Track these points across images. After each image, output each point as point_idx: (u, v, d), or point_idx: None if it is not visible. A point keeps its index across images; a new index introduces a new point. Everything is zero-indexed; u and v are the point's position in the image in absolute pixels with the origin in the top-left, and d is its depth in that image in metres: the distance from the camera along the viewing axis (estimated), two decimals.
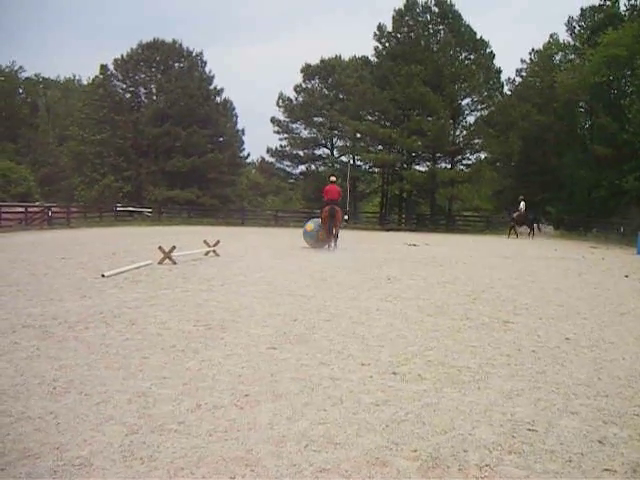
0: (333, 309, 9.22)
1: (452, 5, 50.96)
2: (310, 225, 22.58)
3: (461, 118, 52.31)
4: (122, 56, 57.06)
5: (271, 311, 8.86)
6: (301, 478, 3.54)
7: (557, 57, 51.41)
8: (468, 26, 51.07)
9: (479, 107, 51.70)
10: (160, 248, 15.03)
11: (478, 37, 51.00)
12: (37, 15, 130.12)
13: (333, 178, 24.51)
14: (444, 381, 5.60)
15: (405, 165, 52.61)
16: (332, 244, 21.81)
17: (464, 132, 52.06)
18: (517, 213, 37.45)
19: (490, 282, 13.41)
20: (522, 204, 37.42)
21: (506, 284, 13.15)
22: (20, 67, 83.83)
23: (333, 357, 6.33)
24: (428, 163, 52.75)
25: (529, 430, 4.41)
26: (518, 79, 54.65)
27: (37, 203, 45.47)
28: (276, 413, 4.59)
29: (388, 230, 43.19)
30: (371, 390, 5.25)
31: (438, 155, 52.00)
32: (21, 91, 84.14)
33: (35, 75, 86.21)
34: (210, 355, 6.27)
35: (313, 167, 58.97)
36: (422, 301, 10.25)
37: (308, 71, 58.63)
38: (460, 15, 51.09)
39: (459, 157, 52.73)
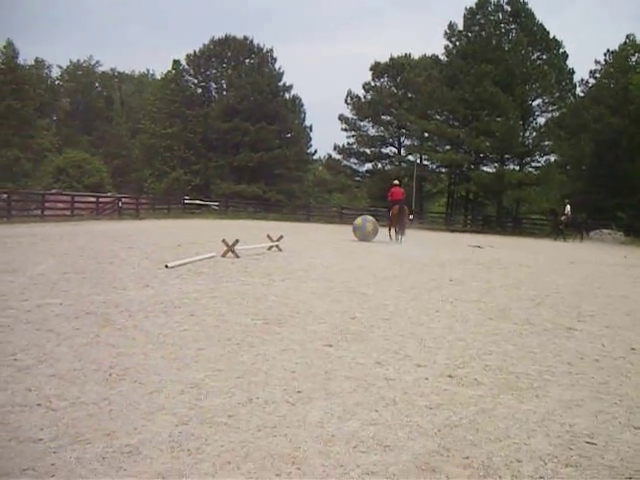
0: (392, 308, 9.12)
1: (525, 3, 50.06)
2: (359, 220, 24.81)
3: (531, 119, 51.40)
4: (194, 52, 58.02)
5: (330, 308, 8.82)
6: (348, 479, 3.49)
7: (633, 58, 49.78)
8: (541, 25, 50.08)
9: (550, 108, 50.69)
10: (224, 241, 15.16)
11: (551, 37, 49.96)
12: (114, 12, 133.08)
13: (396, 182, 26.49)
14: (501, 387, 5.46)
15: (472, 166, 51.96)
16: (399, 238, 24.50)
17: (534, 134, 51.12)
18: (564, 217, 37.19)
19: (555, 287, 13.07)
20: (568, 207, 37.18)
21: (571, 290, 12.80)
22: (97, 62, 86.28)
23: (389, 357, 6.25)
24: (496, 164, 51.93)
25: (588, 443, 4.24)
26: (592, 80, 53.15)
27: (109, 194, 46.51)
28: (327, 411, 4.54)
29: (453, 231, 42.64)
30: (425, 393, 5.15)
31: (506, 156, 51.16)
32: (97, 85, 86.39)
33: (111, 69, 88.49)
34: (265, 350, 6.26)
35: (380, 165, 58.69)
36: (484, 304, 10.05)
37: (377, 69, 58.38)
38: (533, 14, 50.15)
39: (528, 159, 51.73)
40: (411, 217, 30.79)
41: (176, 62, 57.58)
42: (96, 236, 20.15)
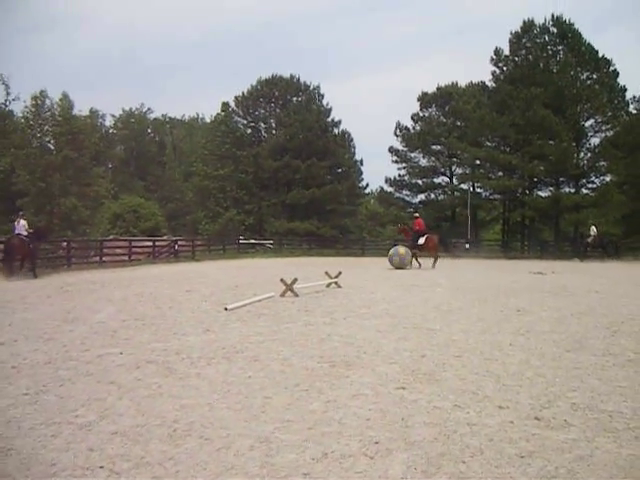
0: (462, 344, 8.71)
1: (571, 24, 49.57)
2: (391, 251, 27.51)
3: (584, 140, 50.53)
4: (242, 93, 58.78)
5: (397, 346, 8.46)
6: None
7: None
8: (589, 44, 49.44)
9: (603, 128, 49.79)
10: (282, 280, 14.95)
11: (600, 55, 49.17)
12: (163, 61, 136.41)
13: (417, 214, 30.75)
14: (595, 429, 5.00)
15: (527, 191, 51.26)
16: (434, 265, 27.33)
17: (588, 154, 50.25)
18: (591, 238, 38.07)
19: (628, 312, 12.44)
20: (593, 229, 38.48)
21: None
22: (148, 109, 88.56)
23: (467, 399, 5.85)
24: (551, 188, 51.15)
25: None
26: None
27: (164, 237, 46.99)
28: (409, 465, 4.17)
29: (511, 258, 41.74)
30: (513, 439, 4.73)
31: (561, 179, 50.37)
32: (149, 131, 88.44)
33: (162, 115, 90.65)
34: (335, 395, 5.93)
35: (432, 196, 58.29)
36: (557, 335, 9.54)
37: (425, 99, 58.26)
38: (580, 34, 49.62)
39: (583, 181, 50.79)
40: (467, 246, 33.45)
41: (225, 104, 58.36)
42: (154, 280, 20.17)
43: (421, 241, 27.79)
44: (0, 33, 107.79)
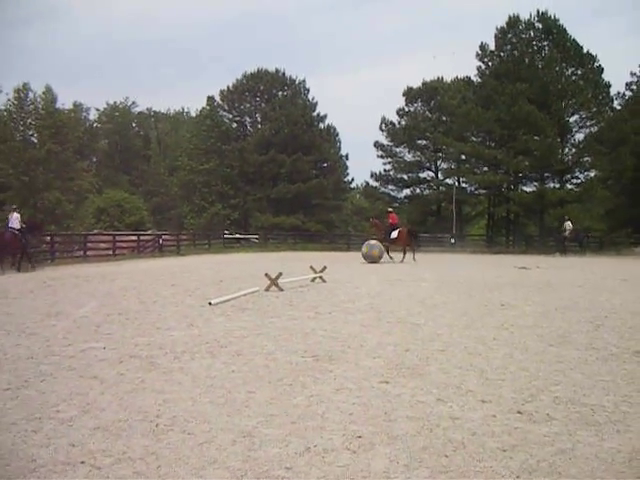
0: (447, 338, 8.73)
1: (556, 20, 49.67)
2: (365, 248, 27.49)
3: (569, 136, 50.73)
4: (228, 87, 58.50)
5: (381, 340, 8.46)
6: None
7: None
8: (574, 40, 49.53)
9: (588, 123, 49.93)
10: (267, 275, 14.93)
11: (585, 51, 49.36)
12: (149, 54, 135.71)
13: (390, 209, 31.80)
14: (577, 422, 5.02)
15: (512, 186, 51.37)
16: (413, 257, 28.06)
17: (573, 150, 50.46)
18: (567, 232, 38.56)
19: (612, 307, 12.51)
20: (568, 223, 38.96)
21: (630, 310, 12.19)
22: (133, 102, 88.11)
23: (451, 393, 5.86)
24: (536, 183, 51.26)
25: None
26: (628, 93, 52.25)
27: (149, 232, 46.84)
28: (392, 459, 4.16)
29: (496, 253, 41.85)
30: (496, 432, 4.74)
31: (546, 175, 50.53)
32: (134, 125, 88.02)
33: (147, 109, 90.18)
34: (319, 390, 5.92)
35: (418, 191, 58.35)
36: (541, 329, 9.59)
37: (410, 94, 58.25)
38: (565, 30, 49.70)
39: (568, 176, 50.95)
40: (452, 241, 34.01)
41: (210, 98, 58.13)
42: (138, 275, 20.09)
43: (394, 234, 28.39)
44: None
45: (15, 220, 22.45)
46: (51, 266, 24.63)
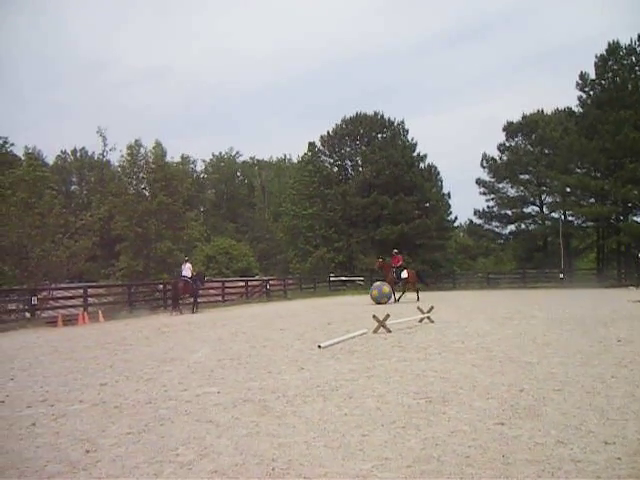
0: (562, 377, 8.45)
1: None
2: (375, 292, 27.54)
3: None
4: (328, 132, 59.35)
5: (494, 380, 8.27)
6: None
7: None
8: None
9: None
10: (374, 317, 14.92)
11: None
12: (250, 105, 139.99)
13: (396, 250, 31.67)
14: None
15: (621, 217, 49.50)
16: (416, 298, 27.84)
17: None
18: None
19: None
20: None
21: None
22: (237, 152, 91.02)
23: (570, 434, 5.65)
24: None
25: None
26: None
27: (256, 277, 47.69)
28: None
29: (607, 287, 40.25)
30: (622, 476, 4.53)
31: None
32: (239, 174, 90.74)
33: (250, 158, 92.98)
34: (433, 432, 5.83)
35: (523, 226, 57.21)
36: None
37: (510, 129, 57.58)
38: None
39: None
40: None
41: (311, 144, 59.05)
42: (247, 320, 20.44)
43: (404, 275, 29.09)
44: (94, 90, 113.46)
45: (187, 269, 26.20)
46: (163, 313, 25.39)
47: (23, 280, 26.52)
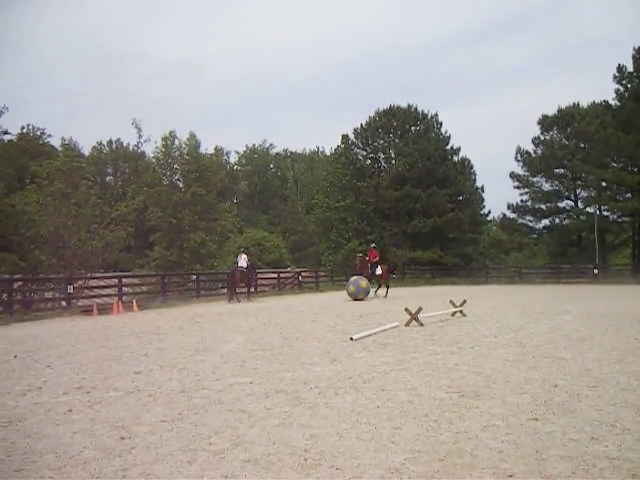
0: (597, 373, 8.37)
1: None
2: (352, 287, 26.10)
3: None
4: (361, 125, 59.16)
5: (527, 376, 8.22)
6: None
7: None
8: None
9: None
10: (407, 310, 14.89)
11: None
12: (284, 98, 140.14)
13: (373, 245, 32.12)
14: None
15: None
16: (384, 293, 28.51)
17: None
18: None
19: None
20: None
21: None
22: (270, 144, 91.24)
23: (605, 431, 5.60)
24: None
25: None
26: None
27: (288, 269, 47.82)
28: None
29: None
30: None
31: None
32: (272, 166, 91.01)
33: (283, 150, 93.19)
34: (466, 426, 5.82)
35: (557, 220, 56.51)
36: None
37: (546, 122, 56.84)
38: None
39: None
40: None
41: (345, 136, 58.87)
42: (279, 311, 20.52)
43: (378, 271, 28.88)
44: (129, 83, 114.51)
45: (243, 260, 27.89)
46: (197, 303, 25.58)
47: (59, 269, 26.87)
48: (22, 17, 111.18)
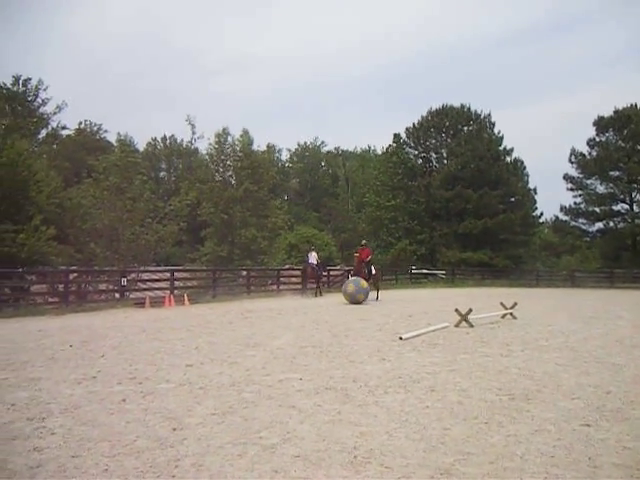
0: None
1: None
2: (351, 286, 23.63)
3: None
4: (413, 124, 58.88)
5: (579, 381, 8.11)
6: None
7: None
8: None
9: None
10: (457, 310, 14.80)
11: None
12: (335, 96, 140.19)
13: (364, 242, 29.51)
14: None
15: None
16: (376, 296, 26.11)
17: None
18: None
19: None
20: None
21: None
22: (322, 142, 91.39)
23: None
24: None
25: None
26: None
27: (338, 267, 47.85)
28: None
29: None
30: None
31: None
32: (323, 164, 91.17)
33: (335, 148, 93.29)
34: (516, 430, 5.78)
35: (611, 224, 55.36)
36: None
37: (601, 123, 55.67)
38: None
39: None
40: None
41: (396, 135, 58.67)
42: (330, 308, 20.52)
43: (373, 271, 27.31)
44: (185, 80, 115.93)
45: (313, 257, 29.07)
46: (247, 299, 25.73)
47: (114, 262, 27.41)
48: (84, 13, 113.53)
